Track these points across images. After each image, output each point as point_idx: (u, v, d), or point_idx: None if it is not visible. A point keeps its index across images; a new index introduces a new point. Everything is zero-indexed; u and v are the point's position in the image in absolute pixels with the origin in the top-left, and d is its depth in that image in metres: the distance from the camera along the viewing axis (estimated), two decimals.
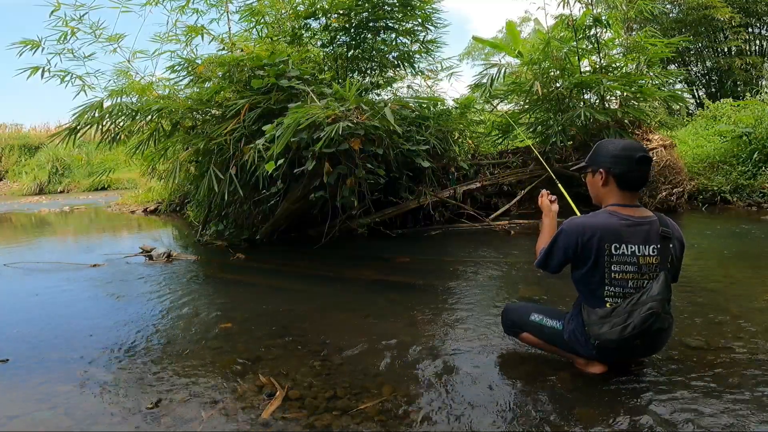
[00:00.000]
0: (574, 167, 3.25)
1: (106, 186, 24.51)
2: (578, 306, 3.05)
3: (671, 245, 2.88)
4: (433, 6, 8.83)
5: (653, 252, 2.84)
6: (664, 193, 9.19)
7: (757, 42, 18.72)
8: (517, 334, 3.42)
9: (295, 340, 3.87)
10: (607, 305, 2.86)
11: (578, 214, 3.70)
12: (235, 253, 7.23)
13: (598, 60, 9.46)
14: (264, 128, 6.41)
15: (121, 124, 8.15)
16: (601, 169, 2.96)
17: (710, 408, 2.65)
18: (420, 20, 8.99)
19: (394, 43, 9.27)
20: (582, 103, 9.35)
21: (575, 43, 9.04)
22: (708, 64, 19.12)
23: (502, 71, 9.66)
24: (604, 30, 9.34)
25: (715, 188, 9.90)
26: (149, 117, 8.12)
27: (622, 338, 2.77)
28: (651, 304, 2.74)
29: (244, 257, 7.03)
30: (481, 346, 3.60)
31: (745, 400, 2.72)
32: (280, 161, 6.39)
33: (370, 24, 8.69)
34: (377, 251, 7.26)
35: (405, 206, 8.48)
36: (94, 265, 6.83)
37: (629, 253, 2.83)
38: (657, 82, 9.87)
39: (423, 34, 9.28)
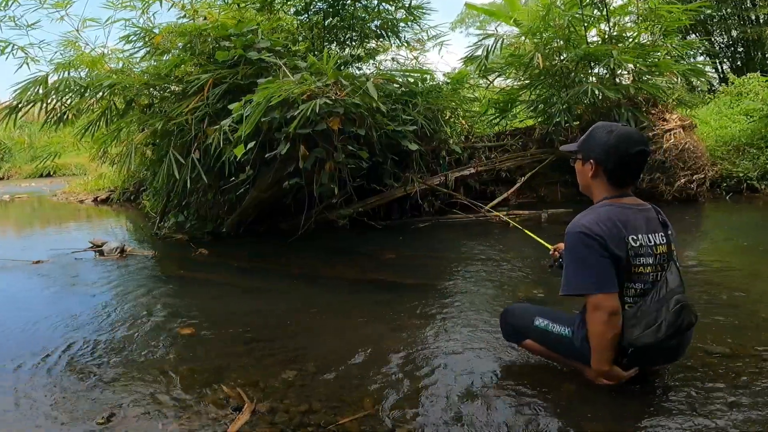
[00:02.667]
0: (565, 146, 3.24)
1: (51, 172, 24.28)
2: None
3: (670, 232, 2.92)
4: None
5: (662, 240, 2.86)
6: (682, 181, 9.14)
7: None
8: (518, 342, 3.39)
9: (266, 347, 3.87)
10: (627, 306, 2.82)
11: (547, 245, 3.69)
12: (198, 248, 7.23)
13: (608, 29, 9.48)
14: (230, 106, 6.38)
15: (69, 101, 8.09)
16: (592, 160, 2.95)
17: (734, 423, 2.64)
18: None
19: (376, 10, 9.24)
20: (590, 78, 9.37)
21: (581, 9, 9.04)
22: (733, 33, 19.07)
23: (499, 42, 9.68)
24: None
25: (741, 174, 9.88)
26: (100, 94, 8.06)
27: (659, 339, 2.72)
28: (677, 297, 2.73)
29: (207, 253, 7.02)
30: (476, 354, 3.60)
31: None
32: (250, 144, 6.38)
33: None
34: (359, 246, 7.27)
35: (390, 195, 8.50)
36: (37, 262, 6.79)
37: (646, 243, 2.82)
38: (675, 54, 9.89)
39: None
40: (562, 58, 9.26)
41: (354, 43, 9.48)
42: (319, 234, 7.77)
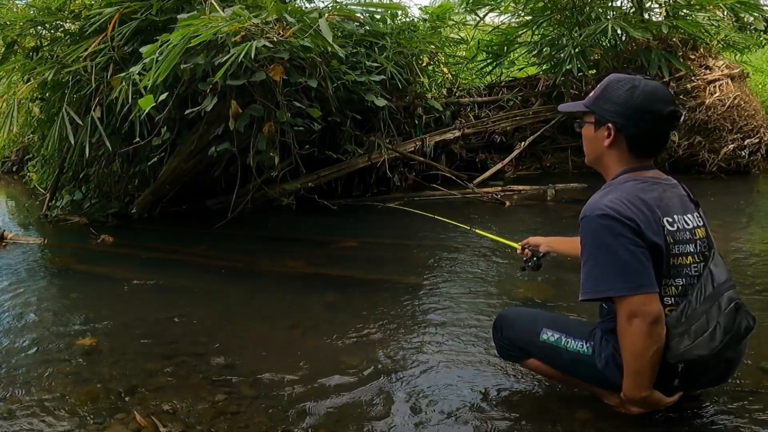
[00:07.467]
0: (567, 105, 3.18)
1: None
2: (612, 320, 2.82)
3: (702, 213, 2.87)
4: None
5: (699, 221, 2.81)
6: (730, 147, 9.09)
7: None
8: (519, 359, 3.29)
9: (189, 363, 3.86)
10: (667, 310, 2.70)
11: (512, 244, 3.65)
12: (100, 234, 7.15)
13: None
14: (142, 50, 6.30)
15: None
16: (609, 123, 2.84)
17: None
18: None
19: None
20: (610, 12, 9.39)
21: None
22: None
23: None
24: None
25: None
26: None
27: (714, 350, 2.58)
28: (729, 294, 2.67)
29: (112, 240, 6.97)
30: (461, 375, 3.56)
31: None
32: (163, 96, 6.30)
33: None
34: (309, 232, 7.27)
35: (350, 165, 8.49)
36: None
37: (684, 226, 2.76)
38: None
39: None
40: None
41: None
42: (257, 216, 7.77)
